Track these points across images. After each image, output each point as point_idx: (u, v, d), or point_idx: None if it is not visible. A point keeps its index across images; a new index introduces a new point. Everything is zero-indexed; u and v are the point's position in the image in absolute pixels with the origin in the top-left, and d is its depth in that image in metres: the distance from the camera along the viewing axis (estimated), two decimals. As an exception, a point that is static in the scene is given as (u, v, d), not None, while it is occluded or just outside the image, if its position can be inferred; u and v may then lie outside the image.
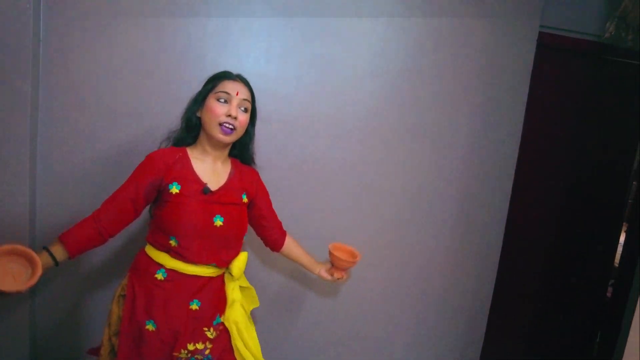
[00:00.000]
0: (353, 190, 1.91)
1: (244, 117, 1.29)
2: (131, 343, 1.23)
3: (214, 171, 1.31)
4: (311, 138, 1.83)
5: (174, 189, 1.22)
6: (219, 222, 1.25)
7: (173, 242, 1.22)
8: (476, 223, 2.07)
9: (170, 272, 1.24)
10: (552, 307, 2.41)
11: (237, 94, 1.27)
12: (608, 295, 2.39)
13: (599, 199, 2.32)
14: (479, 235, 2.09)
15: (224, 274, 1.36)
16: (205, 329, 1.28)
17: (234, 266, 1.33)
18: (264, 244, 1.54)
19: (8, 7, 1.47)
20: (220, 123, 1.24)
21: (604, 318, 2.36)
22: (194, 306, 1.26)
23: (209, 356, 1.28)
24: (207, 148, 1.30)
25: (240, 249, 1.37)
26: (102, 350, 1.31)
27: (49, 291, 1.70)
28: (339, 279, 1.50)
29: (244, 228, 1.36)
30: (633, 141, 2.27)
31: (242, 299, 1.39)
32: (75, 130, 1.63)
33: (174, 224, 1.21)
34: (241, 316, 1.36)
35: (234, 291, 1.36)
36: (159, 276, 1.24)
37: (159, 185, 1.23)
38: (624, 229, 2.37)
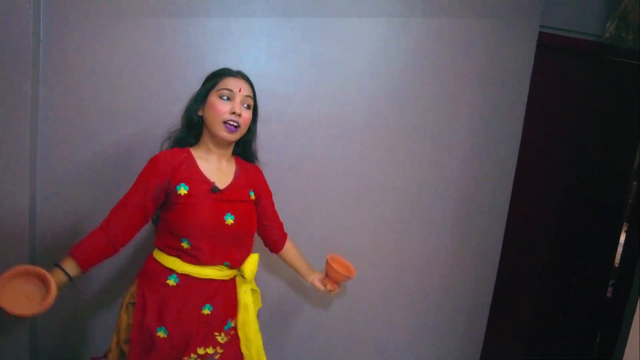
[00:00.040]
0: (353, 190, 1.91)
1: (247, 114, 1.27)
2: (142, 350, 1.21)
3: (219, 170, 1.29)
4: (311, 138, 1.83)
5: (182, 190, 1.19)
6: (230, 220, 1.23)
7: (185, 244, 1.20)
8: (476, 223, 2.07)
9: (182, 277, 1.22)
10: (552, 307, 2.41)
11: (239, 91, 1.25)
12: (608, 295, 2.39)
13: (599, 199, 2.32)
14: (479, 235, 2.09)
15: (235, 277, 1.34)
16: (217, 333, 1.25)
17: (246, 268, 1.31)
18: (264, 243, 1.52)
19: (8, 7, 1.47)
20: (224, 121, 1.22)
21: (604, 318, 2.36)
22: (206, 311, 1.24)
23: None
24: (211, 147, 1.28)
25: (251, 247, 1.35)
26: (110, 356, 1.29)
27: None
28: (330, 290, 1.49)
29: (254, 225, 1.35)
30: (633, 141, 2.27)
31: (253, 302, 1.36)
32: (75, 130, 1.63)
33: (185, 225, 1.19)
34: (253, 322, 1.33)
35: (245, 294, 1.33)
36: (171, 282, 1.22)
37: (166, 187, 1.20)
38: (624, 229, 2.37)
